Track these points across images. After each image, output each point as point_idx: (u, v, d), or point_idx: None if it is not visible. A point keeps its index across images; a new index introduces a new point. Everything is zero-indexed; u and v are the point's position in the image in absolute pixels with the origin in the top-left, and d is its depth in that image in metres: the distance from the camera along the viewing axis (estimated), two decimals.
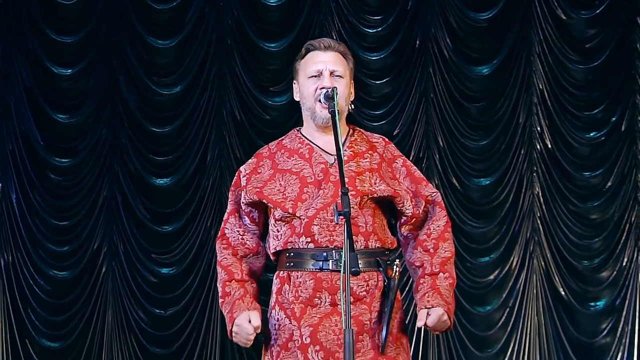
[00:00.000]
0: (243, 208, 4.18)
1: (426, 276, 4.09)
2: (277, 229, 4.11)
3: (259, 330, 4.05)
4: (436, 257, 4.11)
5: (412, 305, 8.14)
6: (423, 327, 4.06)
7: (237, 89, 8.54)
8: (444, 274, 4.09)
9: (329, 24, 8.54)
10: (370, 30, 8.63)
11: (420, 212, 4.15)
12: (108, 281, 8.42)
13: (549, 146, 8.56)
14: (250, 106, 8.52)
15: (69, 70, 8.51)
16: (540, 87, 8.57)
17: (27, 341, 8.34)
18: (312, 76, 4.11)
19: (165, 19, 8.62)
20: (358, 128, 4.26)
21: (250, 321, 4.00)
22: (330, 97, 3.98)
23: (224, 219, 4.24)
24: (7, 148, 8.42)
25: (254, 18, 8.61)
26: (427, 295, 4.03)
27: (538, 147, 8.56)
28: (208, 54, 8.55)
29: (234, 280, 4.14)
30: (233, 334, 4.07)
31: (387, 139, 4.27)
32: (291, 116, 8.23)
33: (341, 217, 3.77)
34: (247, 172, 4.19)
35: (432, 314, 3.99)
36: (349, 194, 3.84)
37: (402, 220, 4.16)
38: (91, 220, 8.44)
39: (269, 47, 8.59)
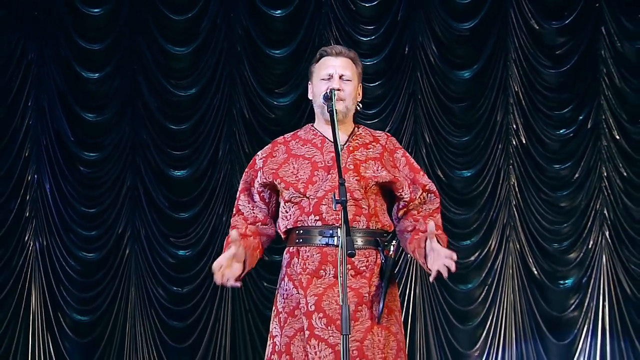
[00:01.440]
0: (257, 187, 4.21)
1: (420, 232, 4.08)
2: (286, 210, 4.15)
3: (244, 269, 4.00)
4: (422, 223, 4.11)
5: (402, 285, 8.23)
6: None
7: (245, 91, 8.55)
8: (432, 217, 4.14)
9: (328, 33, 8.55)
10: (364, 39, 8.64)
11: (417, 197, 4.20)
12: (131, 262, 8.44)
13: (524, 142, 8.57)
14: (258, 106, 8.54)
15: (96, 74, 8.51)
16: (516, 89, 8.58)
17: (59, 315, 8.34)
18: (324, 79, 4.16)
19: (181, 29, 8.62)
20: (363, 126, 4.32)
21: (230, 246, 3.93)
22: (328, 98, 4.04)
23: (236, 197, 4.27)
24: (41, 143, 8.42)
25: (261, 28, 8.61)
26: (423, 240, 3.99)
27: (514, 142, 8.57)
28: (220, 59, 8.55)
29: (235, 229, 4.04)
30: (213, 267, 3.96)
31: (389, 134, 4.34)
32: (294, 115, 8.28)
33: (338, 205, 3.82)
34: (264, 156, 4.23)
35: (434, 245, 3.86)
36: (355, 179, 3.98)
37: (400, 205, 4.21)
38: (116, 208, 8.45)
39: (274, 53, 8.60)
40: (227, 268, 3.92)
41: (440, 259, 3.85)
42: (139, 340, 8.37)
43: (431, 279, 3.95)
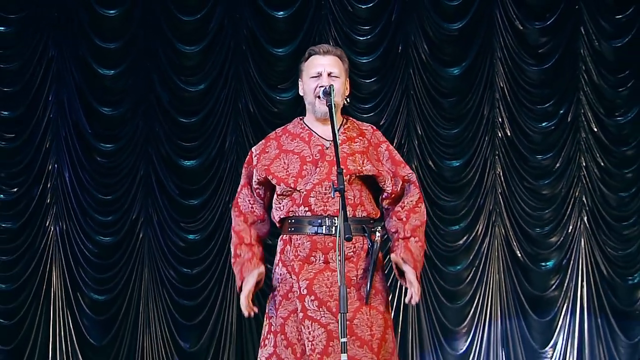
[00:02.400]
0: (254, 185, 4.24)
1: (400, 240, 4.15)
2: (279, 202, 4.17)
3: (260, 285, 4.17)
4: (408, 224, 4.17)
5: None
6: (404, 289, 4.15)
7: (250, 87, 8.54)
8: (414, 238, 4.15)
9: (327, 32, 8.54)
10: (361, 38, 8.63)
11: (398, 189, 4.21)
12: (144, 245, 8.45)
13: (509, 134, 8.57)
14: (262, 101, 8.53)
15: (112, 71, 8.50)
16: (502, 85, 8.57)
17: (78, 294, 8.34)
18: (313, 76, 4.16)
19: (191, 29, 8.60)
20: (351, 118, 4.32)
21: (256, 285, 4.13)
22: (327, 93, 4.03)
23: (237, 190, 4.30)
24: (61, 135, 8.41)
25: (265, 28, 8.60)
26: (400, 252, 4.10)
27: (499, 134, 8.56)
28: (227, 57, 8.53)
29: (243, 244, 4.20)
30: (240, 289, 4.14)
31: (375, 127, 4.34)
32: (296, 109, 8.19)
33: (337, 192, 3.82)
34: (257, 152, 4.24)
35: (409, 275, 4.06)
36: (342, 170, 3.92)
37: (384, 195, 4.22)
38: (130, 195, 8.44)
39: (277, 52, 8.59)
40: (250, 301, 4.09)
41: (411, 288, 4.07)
42: (151, 317, 8.38)
43: (406, 300, 4.11)
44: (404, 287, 8.20)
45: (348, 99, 4.25)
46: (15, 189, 8.38)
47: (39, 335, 8.26)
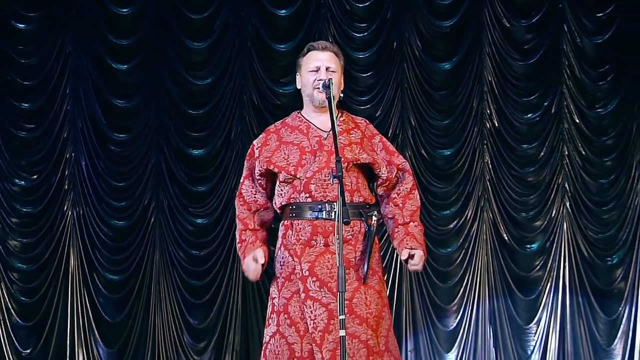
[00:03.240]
0: (256, 176, 4.24)
1: (399, 226, 4.16)
2: (281, 189, 4.18)
3: (264, 265, 4.15)
4: (405, 210, 4.19)
5: (389, 249, 8.22)
6: (400, 265, 4.16)
7: (254, 81, 8.52)
8: (414, 222, 4.18)
9: (326, 30, 8.52)
10: (358, 35, 8.61)
11: (393, 176, 4.23)
12: (156, 229, 8.44)
13: (496, 125, 8.55)
14: (265, 94, 8.52)
15: (125, 66, 8.48)
16: (490, 79, 8.55)
17: (94, 274, 8.35)
18: (312, 70, 4.18)
19: (199, 27, 8.58)
20: (345, 111, 4.33)
21: (256, 260, 4.11)
22: (327, 86, 4.06)
23: (240, 181, 4.32)
24: (78, 126, 8.40)
25: (268, 25, 8.58)
26: (405, 240, 4.11)
27: (488, 125, 8.55)
28: (232, 53, 8.52)
29: (248, 230, 4.23)
30: (244, 270, 4.17)
31: (367, 121, 4.36)
32: (297, 101, 8.01)
33: (335, 179, 3.84)
34: (259, 145, 4.26)
35: (416, 257, 4.08)
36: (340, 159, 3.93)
37: (379, 182, 4.24)
38: (142, 182, 8.44)
39: (279, 47, 8.57)
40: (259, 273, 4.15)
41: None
42: (162, 296, 8.38)
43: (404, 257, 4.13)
44: (398, 269, 8.26)
45: (342, 93, 4.27)
46: (35, 177, 8.38)
47: (58, 312, 8.27)
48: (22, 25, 8.42)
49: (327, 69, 4.15)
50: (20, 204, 8.35)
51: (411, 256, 4.09)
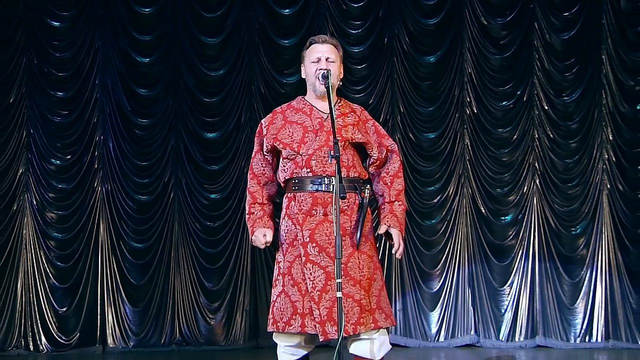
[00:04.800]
0: (264, 152, 4.21)
1: (386, 203, 4.16)
2: (284, 165, 4.15)
3: (269, 244, 4.16)
4: (392, 189, 4.18)
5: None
6: (389, 243, 4.16)
7: (262, 72, 8.51)
8: (398, 202, 4.16)
9: (325, 27, 8.49)
10: (353, 32, 8.59)
11: (382, 156, 4.21)
12: (175, 203, 8.44)
13: (475, 111, 8.56)
14: (271, 83, 8.50)
15: (147, 59, 8.46)
16: (470, 71, 8.55)
17: (121, 243, 8.35)
18: (313, 61, 4.13)
19: (212, 24, 8.56)
20: (344, 99, 4.30)
21: (265, 236, 4.12)
22: (325, 77, 4.02)
23: (251, 156, 4.28)
24: (106, 112, 8.38)
25: (273, 23, 8.56)
26: (387, 217, 4.11)
27: (467, 112, 8.55)
28: (242, 47, 8.50)
29: (256, 203, 4.20)
30: (252, 241, 4.18)
31: (363, 108, 4.31)
32: (299, 90, 7.99)
33: (333, 159, 3.83)
34: (267, 124, 4.21)
35: (394, 235, 4.08)
36: (337, 139, 3.90)
37: (370, 161, 4.21)
38: (163, 162, 8.43)
39: (284, 42, 8.55)
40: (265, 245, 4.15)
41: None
42: (181, 262, 8.39)
43: (397, 255, 4.11)
44: (387, 242, 8.25)
45: (342, 82, 4.23)
46: (69, 157, 8.38)
47: (90, 275, 8.28)
48: (57, 23, 8.41)
49: (327, 59, 4.10)
50: (56, 180, 8.35)
51: (389, 236, 4.11)
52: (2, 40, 8.26)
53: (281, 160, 4.18)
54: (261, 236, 4.11)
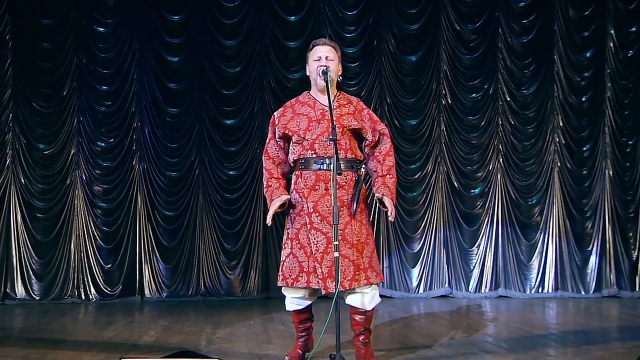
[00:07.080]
0: (277, 138, 4.26)
1: (379, 177, 4.21)
2: (293, 148, 4.22)
3: (286, 206, 4.17)
4: (384, 165, 4.23)
5: (371, 197, 8.18)
6: (379, 208, 4.16)
7: (272, 69, 8.42)
8: (389, 175, 4.21)
9: (325, 31, 8.39)
10: (348, 35, 8.51)
11: (375, 139, 4.28)
12: (199, 178, 8.40)
13: (449, 102, 8.51)
14: (280, 79, 8.42)
15: (176, 59, 8.38)
16: (445, 68, 8.50)
17: (155, 211, 8.31)
18: (315, 60, 4.18)
19: (230, 29, 8.46)
20: (342, 92, 4.31)
21: (282, 202, 4.13)
22: (325, 72, 4.07)
23: (266, 142, 4.34)
24: (142, 103, 8.29)
25: (281, 28, 8.47)
26: (380, 188, 4.16)
27: (443, 102, 8.50)
28: (255, 48, 8.42)
29: (273, 178, 4.24)
30: (270, 207, 4.16)
31: (359, 99, 4.37)
32: (303, 84, 7.92)
33: (331, 141, 3.87)
34: (278, 115, 4.29)
35: (386, 202, 4.10)
36: (336, 126, 4.00)
37: (365, 143, 4.28)
38: (189, 144, 8.36)
39: (290, 44, 8.45)
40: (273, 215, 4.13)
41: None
42: (205, 227, 8.35)
43: (390, 219, 4.10)
44: (378, 211, 8.21)
45: (341, 77, 4.24)
46: (112, 140, 8.33)
47: (129, 238, 8.26)
48: (102, 29, 8.33)
49: (326, 57, 4.14)
50: (102, 159, 8.30)
51: (382, 203, 4.11)
52: (57, 43, 8.23)
53: (291, 144, 4.22)
54: (278, 202, 4.11)
